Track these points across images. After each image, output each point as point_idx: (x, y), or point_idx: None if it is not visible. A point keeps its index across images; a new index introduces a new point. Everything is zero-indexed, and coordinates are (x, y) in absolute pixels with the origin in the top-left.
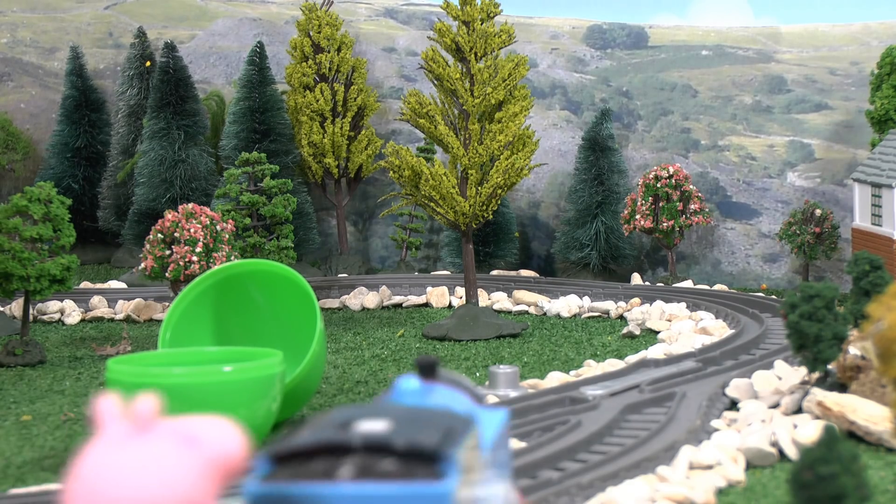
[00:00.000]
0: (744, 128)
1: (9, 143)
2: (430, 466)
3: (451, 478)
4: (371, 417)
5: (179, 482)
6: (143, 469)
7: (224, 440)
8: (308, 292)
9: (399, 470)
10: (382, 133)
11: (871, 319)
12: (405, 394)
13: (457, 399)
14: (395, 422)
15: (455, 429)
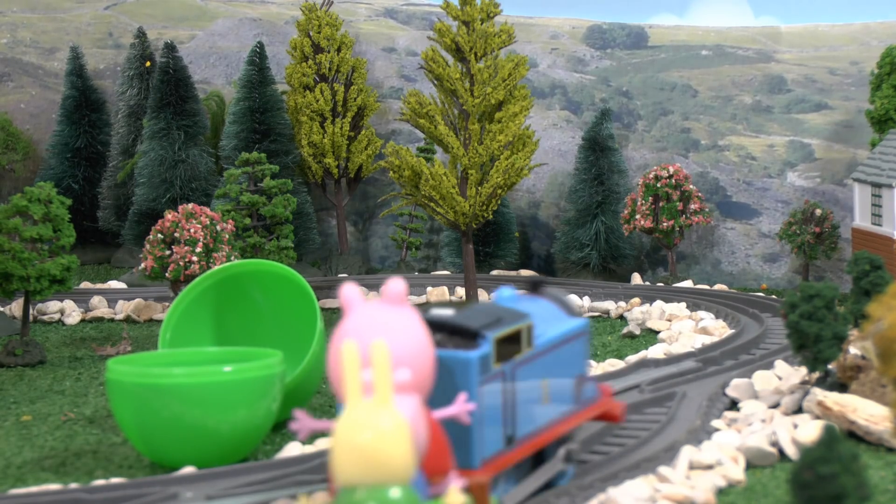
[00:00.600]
0: (744, 128)
1: (9, 143)
2: (470, 341)
3: (481, 350)
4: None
5: (417, 334)
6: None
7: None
8: (308, 292)
9: (446, 341)
10: (382, 133)
11: (872, 319)
12: (501, 299)
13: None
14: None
15: (502, 321)
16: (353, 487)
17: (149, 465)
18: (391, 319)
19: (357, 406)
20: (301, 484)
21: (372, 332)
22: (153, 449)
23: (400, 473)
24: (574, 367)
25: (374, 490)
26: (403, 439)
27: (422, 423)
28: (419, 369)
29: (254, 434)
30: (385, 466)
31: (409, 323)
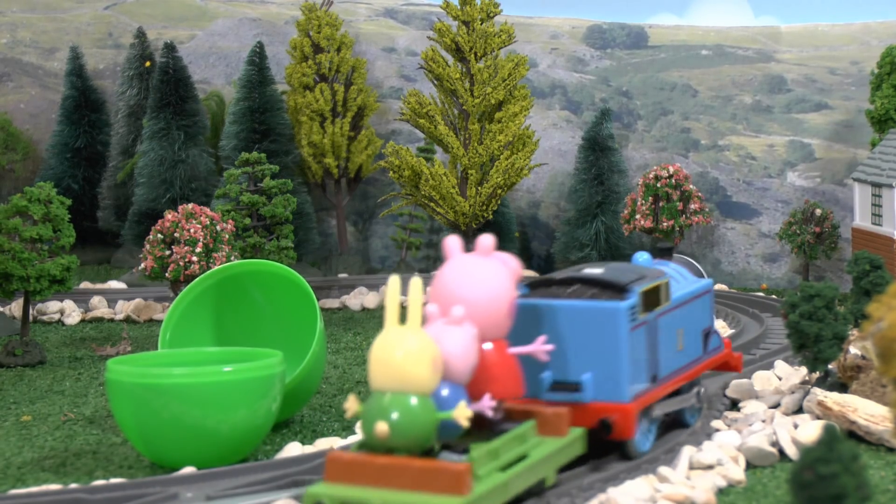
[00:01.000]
0: (744, 127)
1: (8, 143)
2: (620, 294)
3: (628, 302)
4: (596, 267)
5: (505, 282)
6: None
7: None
8: (308, 292)
9: (600, 293)
10: (382, 133)
11: (872, 319)
12: (637, 260)
13: (674, 268)
14: (608, 269)
15: (645, 277)
16: (383, 392)
17: (149, 466)
18: (472, 267)
19: (392, 328)
20: (301, 484)
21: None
22: (153, 449)
23: (420, 385)
24: (702, 321)
25: (398, 396)
26: (425, 358)
27: (468, 351)
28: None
29: (254, 434)
30: (407, 378)
31: (485, 272)
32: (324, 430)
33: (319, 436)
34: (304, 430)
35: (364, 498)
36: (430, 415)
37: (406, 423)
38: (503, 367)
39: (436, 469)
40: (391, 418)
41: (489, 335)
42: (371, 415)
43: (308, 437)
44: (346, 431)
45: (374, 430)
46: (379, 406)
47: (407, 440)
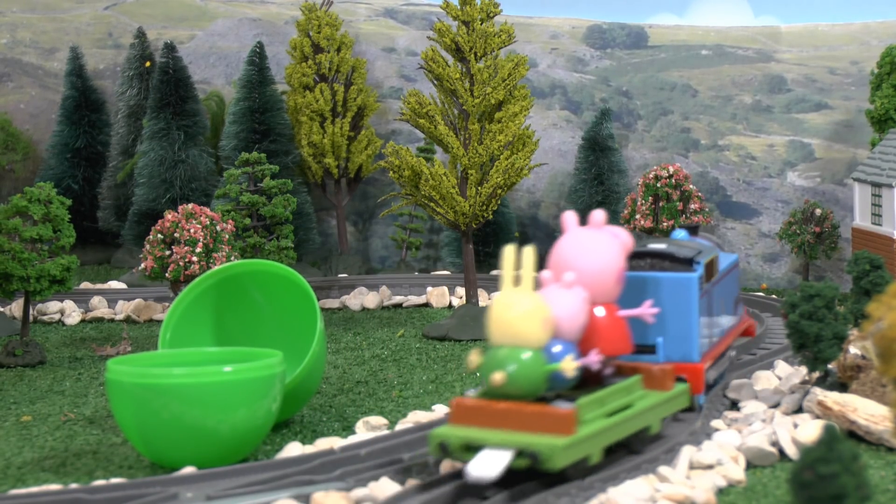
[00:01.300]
0: (744, 127)
1: (8, 143)
2: (687, 266)
3: (698, 273)
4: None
5: (617, 253)
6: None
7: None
8: (308, 292)
9: (670, 266)
10: (382, 133)
11: (872, 319)
12: (676, 237)
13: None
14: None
15: (703, 252)
16: (499, 346)
17: (149, 466)
18: (586, 239)
19: (508, 290)
20: (301, 484)
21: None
22: (153, 449)
23: (532, 341)
24: (734, 291)
25: (513, 350)
26: (537, 317)
27: (577, 312)
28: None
29: (254, 434)
30: (521, 334)
31: (594, 242)
32: (324, 430)
33: (319, 436)
34: (304, 430)
35: (483, 437)
36: (541, 367)
37: (519, 373)
38: (611, 328)
39: (546, 412)
40: (507, 369)
41: (600, 299)
42: (489, 366)
43: (308, 437)
44: (346, 431)
45: (491, 379)
46: (496, 358)
47: (520, 388)
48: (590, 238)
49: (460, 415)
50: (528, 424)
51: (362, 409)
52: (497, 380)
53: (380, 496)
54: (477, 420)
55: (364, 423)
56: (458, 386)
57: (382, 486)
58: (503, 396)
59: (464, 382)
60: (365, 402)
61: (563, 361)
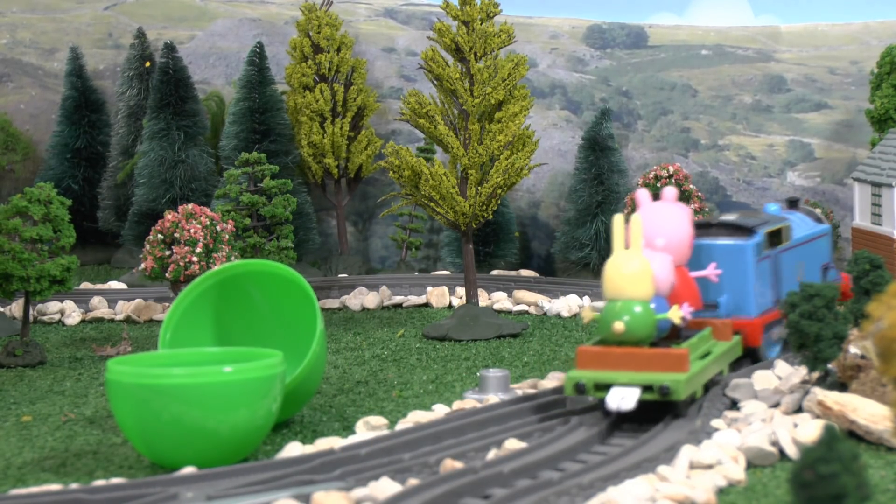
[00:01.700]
0: (744, 127)
1: (9, 143)
2: (750, 234)
3: (756, 240)
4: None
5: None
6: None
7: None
8: (308, 292)
9: (734, 234)
10: (382, 133)
11: (872, 318)
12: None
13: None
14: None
15: (769, 222)
16: (615, 300)
17: (149, 466)
18: (666, 211)
19: (620, 252)
20: (302, 484)
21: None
22: (153, 449)
23: (641, 294)
24: (821, 258)
25: (626, 302)
26: (644, 275)
27: (667, 271)
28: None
29: (254, 434)
30: (634, 289)
31: (672, 213)
32: (324, 430)
33: (319, 436)
34: (304, 430)
35: (613, 378)
36: (652, 316)
37: (635, 322)
38: (687, 286)
39: (665, 354)
40: (624, 319)
41: (678, 262)
42: (608, 317)
43: (308, 437)
44: (346, 431)
45: (611, 329)
46: (614, 311)
47: (636, 335)
48: (666, 210)
49: (585, 361)
50: (650, 365)
51: (362, 409)
52: (618, 329)
53: (380, 496)
54: (601, 364)
55: (364, 423)
56: (458, 386)
57: (382, 486)
58: (620, 343)
59: (464, 382)
60: (365, 402)
61: (670, 311)
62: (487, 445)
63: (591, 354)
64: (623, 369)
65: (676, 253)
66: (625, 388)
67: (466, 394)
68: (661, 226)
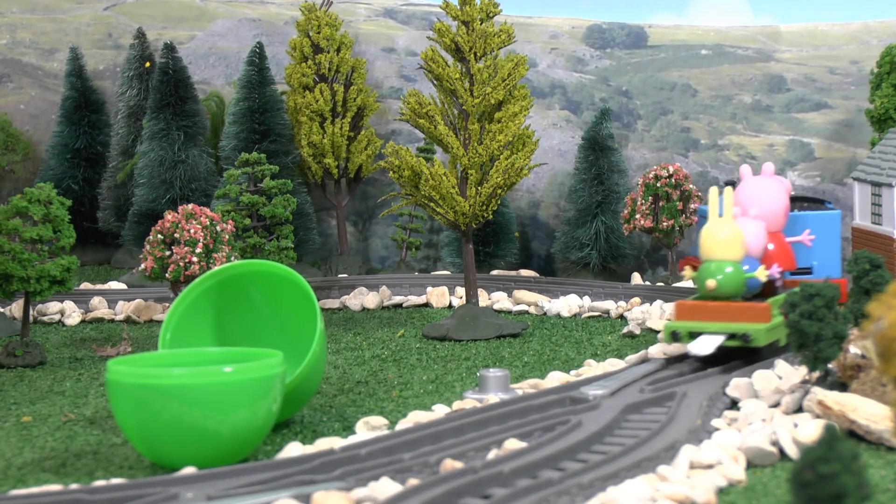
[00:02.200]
0: (743, 127)
1: (8, 144)
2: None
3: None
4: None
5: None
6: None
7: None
8: (308, 293)
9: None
10: (382, 133)
11: (872, 318)
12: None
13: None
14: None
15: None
16: (709, 261)
17: (149, 466)
18: (760, 184)
19: (715, 219)
20: (302, 484)
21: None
22: (153, 450)
23: (732, 256)
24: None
25: (721, 262)
26: (738, 239)
27: (759, 236)
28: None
29: (254, 435)
30: (726, 251)
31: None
32: (324, 430)
33: (320, 436)
34: (304, 430)
35: (704, 327)
36: (742, 275)
37: (726, 280)
38: (782, 250)
39: (750, 307)
40: (717, 278)
41: (772, 228)
42: (703, 276)
43: (308, 438)
44: (346, 431)
45: (705, 286)
46: (709, 270)
47: (726, 291)
48: (765, 183)
49: (682, 313)
50: (736, 316)
51: (362, 410)
52: (710, 286)
53: (380, 496)
54: (694, 316)
55: (364, 423)
56: (458, 386)
57: (382, 486)
58: (714, 298)
59: (464, 382)
60: (365, 402)
61: (757, 271)
62: (487, 445)
63: (686, 308)
64: (713, 320)
65: (770, 220)
66: (710, 336)
67: (466, 394)
68: (757, 197)
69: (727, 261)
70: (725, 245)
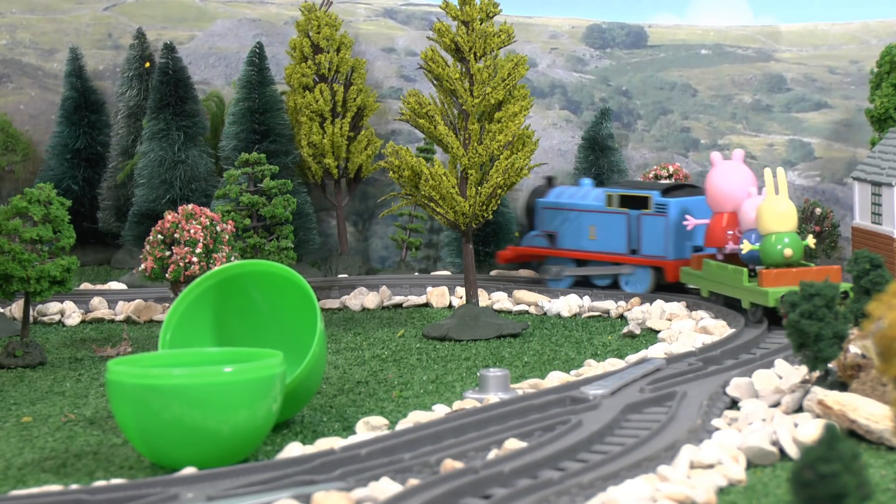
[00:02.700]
0: (743, 127)
1: (8, 144)
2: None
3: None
4: None
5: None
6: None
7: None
8: (308, 293)
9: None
10: (382, 133)
11: (872, 318)
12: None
13: None
14: None
15: None
16: (770, 233)
17: (149, 466)
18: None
19: (772, 196)
20: (302, 484)
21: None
22: (154, 450)
23: (791, 227)
24: None
25: (779, 234)
26: (792, 213)
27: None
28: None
29: (255, 435)
30: (790, 223)
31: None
32: (324, 430)
33: (320, 436)
34: (304, 430)
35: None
36: (801, 243)
37: (797, 247)
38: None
39: (826, 269)
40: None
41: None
42: (775, 247)
43: (308, 438)
44: (346, 431)
45: (782, 255)
46: (781, 241)
47: (797, 257)
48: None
49: (767, 280)
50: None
51: (363, 410)
52: (788, 254)
53: (380, 496)
54: (781, 282)
55: (364, 423)
56: (458, 386)
57: (383, 487)
58: (788, 265)
59: (464, 382)
60: (365, 402)
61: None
62: (488, 445)
63: (771, 275)
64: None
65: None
66: None
67: (466, 394)
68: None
69: (791, 231)
70: (786, 218)
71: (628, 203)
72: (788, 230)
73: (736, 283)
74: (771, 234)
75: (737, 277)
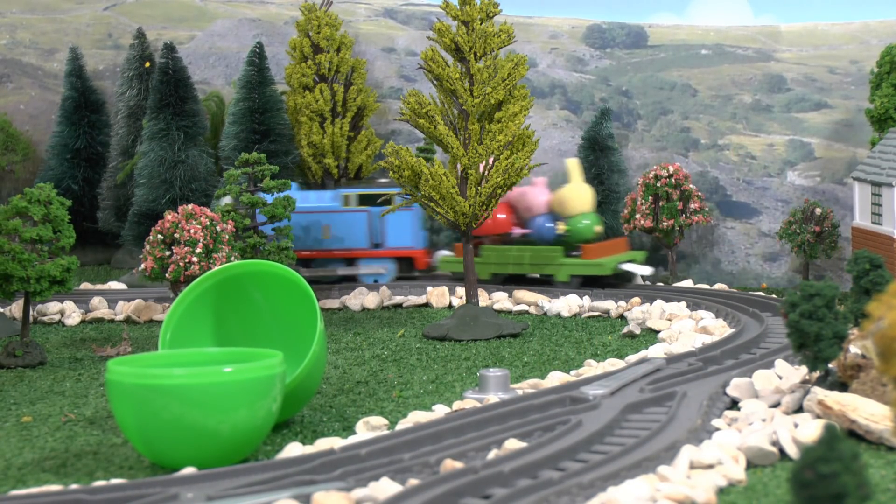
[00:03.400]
0: (743, 127)
1: (8, 144)
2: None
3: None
4: None
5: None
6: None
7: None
8: (308, 293)
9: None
10: (382, 133)
11: (872, 318)
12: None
13: None
14: None
15: None
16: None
17: (149, 466)
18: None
19: (576, 183)
20: (302, 484)
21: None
22: (154, 450)
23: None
24: None
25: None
26: (590, 195)
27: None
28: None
29: (254, 435)
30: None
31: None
32: (324, 430)
33: (320, 436)
34: (304, 430)
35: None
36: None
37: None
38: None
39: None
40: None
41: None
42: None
43: (308, 438)
44: (346, 431)
45: (594, 230)
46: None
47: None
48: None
49: (594, 253)
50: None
51: (362, 410)
52: (599, 230)
53: (380, 496)
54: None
55: (364, 423)
56: (458, 386)
57: (383, 487)
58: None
59: (464, 382)
60: (365, 402)
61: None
62: (487, 445)
63: (593, 249)
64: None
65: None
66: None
67: (466, 394)
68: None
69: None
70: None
71: (367, 201)
72: (590, 210)
73: (551, 261)
74: (577, 215)
75: (552, 256)
